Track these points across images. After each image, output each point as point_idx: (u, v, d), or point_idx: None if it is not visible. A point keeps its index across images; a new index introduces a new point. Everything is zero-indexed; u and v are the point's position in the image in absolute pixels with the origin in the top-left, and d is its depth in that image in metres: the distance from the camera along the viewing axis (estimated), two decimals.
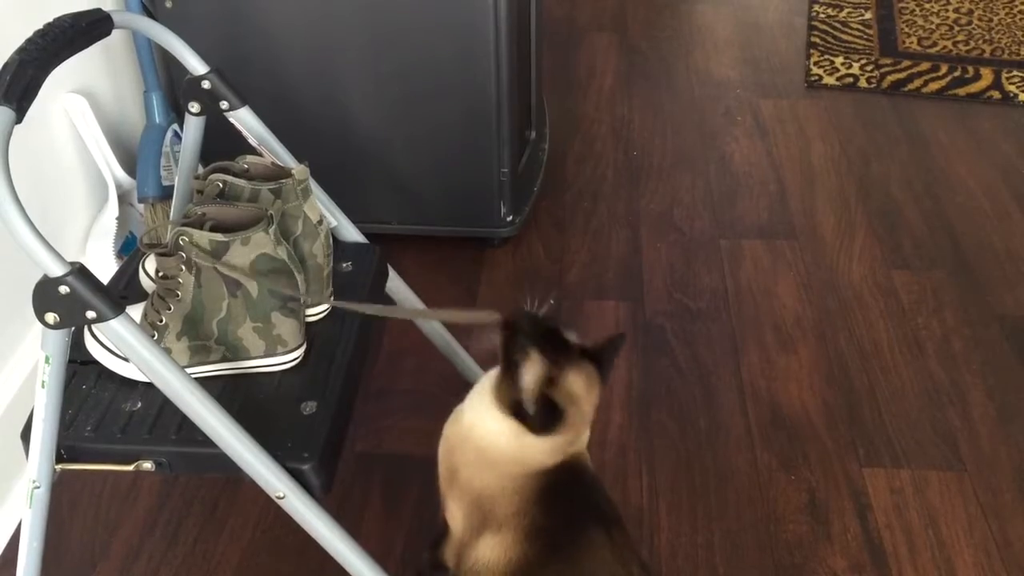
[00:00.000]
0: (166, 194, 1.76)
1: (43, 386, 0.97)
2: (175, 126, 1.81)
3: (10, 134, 0.88)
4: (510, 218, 1.94)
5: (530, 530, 1.05)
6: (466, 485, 1.08)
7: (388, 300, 1.41)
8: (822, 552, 1.40)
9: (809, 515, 1.45)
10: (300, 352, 1.14)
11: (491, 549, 1.05)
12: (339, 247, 1.32)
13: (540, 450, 1.06)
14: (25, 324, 1.53)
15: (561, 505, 1.07)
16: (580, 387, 1.06)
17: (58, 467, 1.05)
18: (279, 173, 1.16)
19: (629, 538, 1.11)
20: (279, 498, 1.02)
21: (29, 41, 0.95)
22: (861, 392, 1.66)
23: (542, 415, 1.03)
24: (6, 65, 0.92)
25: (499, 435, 1.05)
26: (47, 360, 0.96)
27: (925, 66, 2.60)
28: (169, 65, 1.80)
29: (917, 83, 2.54)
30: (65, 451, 1.05)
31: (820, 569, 1.38)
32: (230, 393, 1.10)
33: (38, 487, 1.04)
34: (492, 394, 1.06)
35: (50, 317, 0.91)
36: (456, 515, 1.10)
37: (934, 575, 1.37)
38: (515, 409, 1.03)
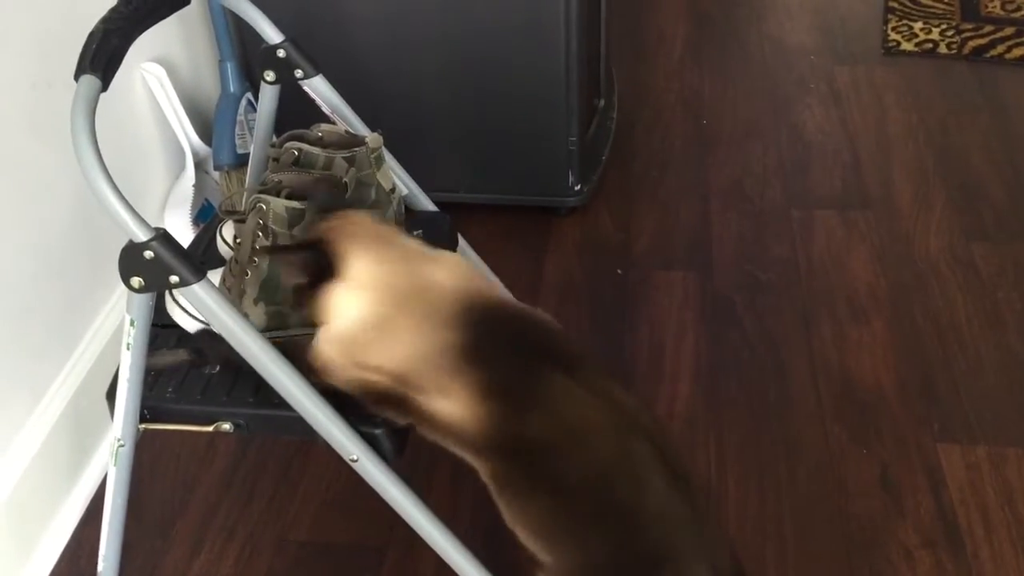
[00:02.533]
0: (241, 162, 1.79)
1: (128, 348, 1.00)
2: (249, 95, 1.84)
3: (96, 102, 0.90)
4: (578, 187, 1.93)
5: (479, 389, 0.98)
6: (382, 366, 1.01)
7: None
8: (894, 527, 1.38)
9: (881, 489, 1.43)
10: None
11: (450, 406, 1.00)
12: (410, 215, 1.33)
13: (370, 287, 1.00)
14: (108, 288, 1.57)
15: (503, 357, 1.00)
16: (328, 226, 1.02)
17: (141, 426, 1.09)
18: (353, 141, 1.17)
19: (601, 374, 1.04)
20: (353, 461, 1.04)
21: (113, 10, 0.97)
22: (937, 366, 1.63)
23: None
24: (92, 34, 0.94)
25: (340, 315, 1.01)
26: (132, 323, 0.99)
27: (1009, 31, 2.51)
28: (243, 34, 1.82)
29: (1000, 49, 2.45)
30: (148, 411, 1.09)
31: (892, 543, 1.36)
32: None
33: (123, 445, 1.08)
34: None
35: (135, 281, 0.93)
36: (372, 378, 1.03)
37: (1011, 553, 1.34)
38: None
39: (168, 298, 1.15)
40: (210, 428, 1.09)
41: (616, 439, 0.99)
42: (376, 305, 1.01)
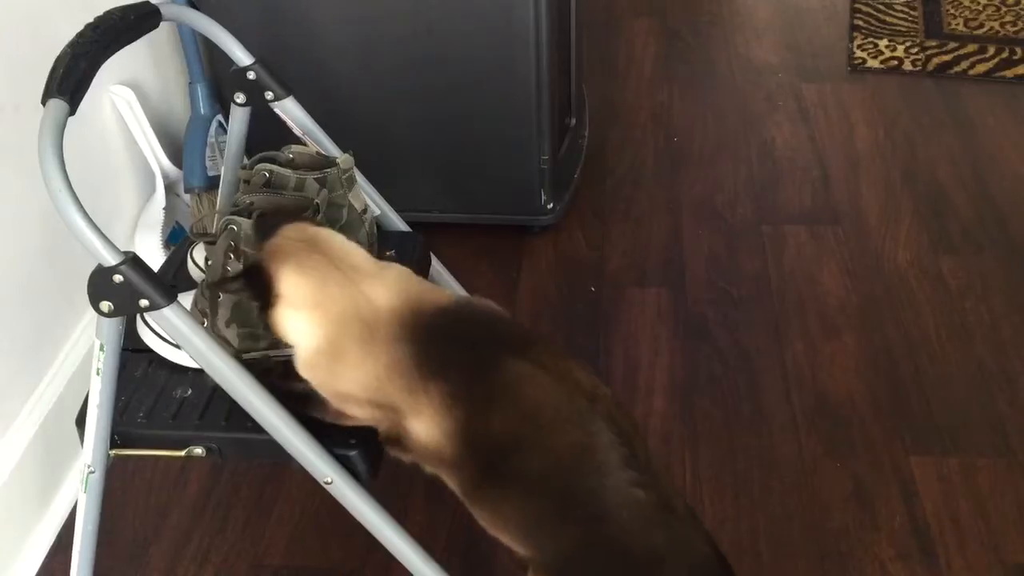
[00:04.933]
0: (212, 184, 1.78)
1: (98, 373, 0.99)
2: (219, 117, 1.84)
3: (64, 126, 0.89)
4: (550, 206, 1.94)
5: (443, 402, 0.97)
6: (353, 394, 1.02)
7: None
8: (868, 540, 1.39)
9: (855, 503, 1.44)
10: None
11: (423, 427, 1.00)
12: (383, 236, 1.33)
13: (318, 307, 0.99)
14: (77, 313, 1.56)
15: (456, 360, 0.99)
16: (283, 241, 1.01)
17: (112, 452, 1.07)
18: (324, 162, 1.17)
19: (560, 352, 1.03)
20: (327, 483, 1.04)
21: (80, 35, 0.97)
22: (907, 379, 1.64)
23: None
24: (59, 58, 0.94)
25: (292, 328, 1.01)
26: (101, 348, 0.98)
27: (972, 48, 2.55)
28: (213, 56, 1.82)
29: (963, 65, 2.49)
30: (119, 437, 1.07)
31: (866, 557, 1.37)
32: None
33: (93, 472, 1.06)
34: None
35: (105, 306, 0.93)
36: (363, 416, 1.04)
37: (983, 563, 1.35)
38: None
39: (139, 322, 1.14)
40: (182, 453, 1.08)
41: (577, 424, 0.97)
42: (318, 327, 1.00)
